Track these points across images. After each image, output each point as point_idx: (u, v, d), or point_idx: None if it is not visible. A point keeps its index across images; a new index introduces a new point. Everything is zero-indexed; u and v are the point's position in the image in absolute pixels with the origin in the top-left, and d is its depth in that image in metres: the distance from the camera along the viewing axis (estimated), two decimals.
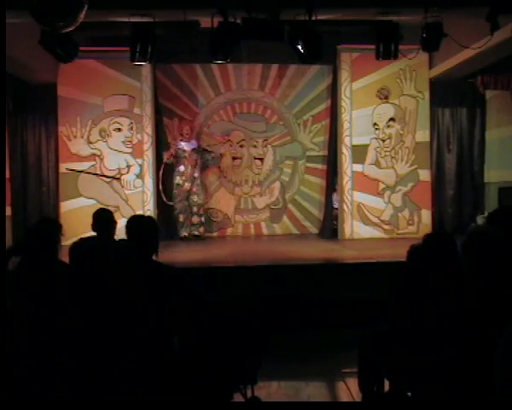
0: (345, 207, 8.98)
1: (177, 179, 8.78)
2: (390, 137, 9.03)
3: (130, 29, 6.47)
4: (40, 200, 8.84)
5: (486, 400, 1.67)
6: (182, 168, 8.74)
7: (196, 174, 8.85)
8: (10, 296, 3.05)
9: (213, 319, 3.35)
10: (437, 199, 9.19)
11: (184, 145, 8.80)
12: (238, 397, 3.35)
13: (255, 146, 9.54)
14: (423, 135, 9.06)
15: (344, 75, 8.94)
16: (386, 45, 6.77)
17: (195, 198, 8.83)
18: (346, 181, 8.99)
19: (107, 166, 8.63)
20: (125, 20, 6.39)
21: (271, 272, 6.22)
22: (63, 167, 8.49)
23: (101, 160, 8.65)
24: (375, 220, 9.00)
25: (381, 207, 9.00)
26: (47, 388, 2.65)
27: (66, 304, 2.85)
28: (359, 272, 6.20)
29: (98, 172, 8.47)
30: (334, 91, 9.18)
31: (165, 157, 8.85)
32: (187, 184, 8.75)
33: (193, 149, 8.80)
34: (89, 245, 3.02)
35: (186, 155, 8.75)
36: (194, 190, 8.81)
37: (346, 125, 8.96)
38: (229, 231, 9.54)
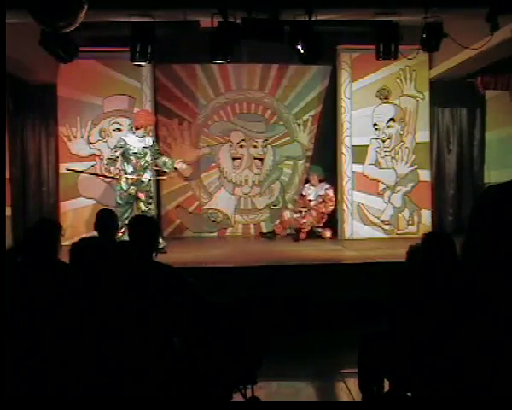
0: (345, 207, 8.99)
1: (123, 182, 7.39)
2: (390, 138, 9.03)
3: (130, 29, 6.47)
4: (40, 200, 8.84)
5: (487, 400, 1.67)
6: (129, 168, 7.39)
7: (145, 177, 7.43)
8: (10, 297, 3.04)
9: (213, 319, 3.35)
10: (437, 199, 9.19)
11: (131, 141, 7.42)
12: (238, 397, 3.35)
13: (255, 146, 9.54)
14: (423, 135, 9.06)
15: (344, 75, 8.94)
16: (386, 45, 6.78)
17: (143, 207, 7.35)
18: (346, 181, 8.99)
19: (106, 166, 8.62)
20: (125, 20, 6.39)
21: (271, 272, 6.23)
22: (63, 167, 8.47)
23: (101, 160, 8.64)
24: (375, 220, 9.00)
25: (380, 207, 9.00)
26: (47, 388, 2.65)
27: (66, 304, 2.85)
28: (359, 272, 6.20)
29: (98, 172, 8.46)
30: (333, 92, 9.19)
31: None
32: (133, 189, 7.34)
33: (145, 147, 7.44)
34: (88, 245, 3.02)
35: (135, 152, 7.38)
36: (141, 196, 7.37)
37: (346, 125, 8.96)
38: (229, 231, 9.53)
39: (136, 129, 7.49)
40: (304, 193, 8.98)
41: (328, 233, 8.80)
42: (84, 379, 2.66)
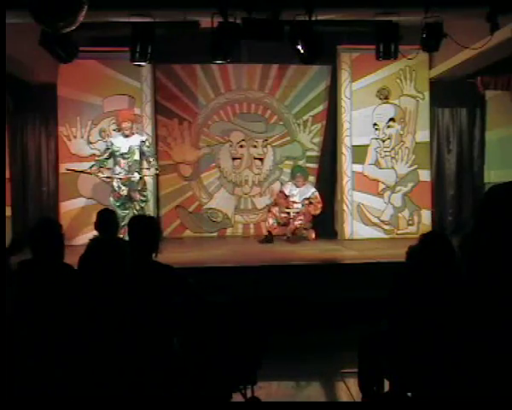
0: (345, 207, 8.99)
1: (114, 183, 7.51)
2: (390, 138, 9.04)
3: (130, 29, 6.47)
4: (40, 200, 8.84)
5: (487, 400, 1.67)
6: (117, 169, 7.52)
7: (137, 177, 7.50)
8: (11, 297, 3.05)
9: (213, 319, 3.35)
10: (437, 199, 9.19)
11: (118, 142, 7.57)
12: (238, 397, 3.35)
13: (255, 146, 9.54)
14: (423, 135, 9.07)
15: (344, 75, 8.95)
16: (386, 45, 6.79)
17: (136, 207, 7.45)
18: (346, 181, 8.99)
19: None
20: (125, 20, 6.40)
21: (271, 272, 6.23)
22: (63, 167, 8.47)
23: None
24: (375, 220, 9.00)
25: (380, 207, 9.00)
26: (48, 388, 2.65)
27: (68, 304, 2.85)
28: (359, 272, 6.20)
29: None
30: (333, 92, 9.20)
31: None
32: (124, 189, 7.47)
33: (132, 146, 7.53)
34: (113, 243, 3.06)
35: (121, 153, 7.49)
36: (134, 196, 7.48)
37: (346, 125, 8.97)
38: (229, 231, 9.53)
39: (120, 129, 7.72)
40: (287, 193, 8.79)
41: (313, 235, 8.71)
42: (84, 379, 2.66)
